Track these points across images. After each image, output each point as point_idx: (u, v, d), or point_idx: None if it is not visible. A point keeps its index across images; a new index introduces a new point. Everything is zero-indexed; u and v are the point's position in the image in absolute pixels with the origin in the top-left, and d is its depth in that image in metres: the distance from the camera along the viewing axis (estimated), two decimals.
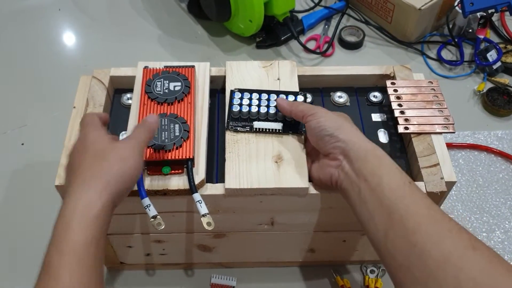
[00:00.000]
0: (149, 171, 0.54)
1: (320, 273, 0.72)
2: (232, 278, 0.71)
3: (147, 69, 0.63)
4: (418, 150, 0.59)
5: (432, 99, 0.63)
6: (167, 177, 0.54)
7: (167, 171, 0.54)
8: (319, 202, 0.58)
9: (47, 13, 1.10)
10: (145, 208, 0.51)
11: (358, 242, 0.67)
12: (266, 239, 0.65)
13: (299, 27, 1.03)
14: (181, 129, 0.56)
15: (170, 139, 0.55)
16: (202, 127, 0.59)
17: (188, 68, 0.63)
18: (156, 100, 0.59)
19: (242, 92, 0.62)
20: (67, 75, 0.97)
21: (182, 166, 0.55)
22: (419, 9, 0.94)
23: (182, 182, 0.54)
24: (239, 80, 0.64)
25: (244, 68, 0.66)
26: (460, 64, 0.98)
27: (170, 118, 0.57)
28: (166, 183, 0.54)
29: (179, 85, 0.60)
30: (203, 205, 0.52)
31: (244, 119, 0.60)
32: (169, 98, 0.59)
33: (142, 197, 0.51)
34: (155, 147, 0.54)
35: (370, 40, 1.04)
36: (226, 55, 1.01)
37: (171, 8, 1.11)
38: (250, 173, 0.56)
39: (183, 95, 0.59)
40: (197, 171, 0.55)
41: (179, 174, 0.55)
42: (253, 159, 0.57)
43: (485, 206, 0.80)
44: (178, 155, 0.54)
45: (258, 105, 0.60)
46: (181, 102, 0.59)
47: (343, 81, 0.68)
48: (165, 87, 0.60)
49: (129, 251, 0.67)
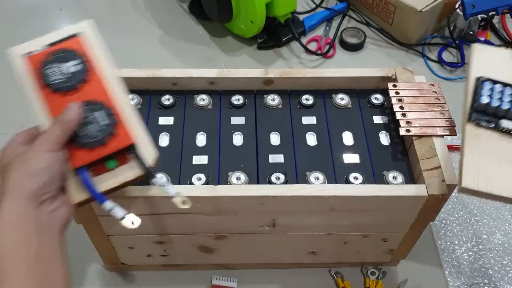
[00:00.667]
0: (93, 172, 0.48)
1: (321, 275, 0.73)
2: (233, 279, 0.71)
3: (31, 56, 0.52)
4: (420, 153, 0.59)
5: (434, 101, 0.63)
6: (116, 171, 0.49)
7: (113, 165, 0.48)
8: (321, 205, 0.58)
9: (48, 12, 1.10)
10: (109, 212, 0.47)
11: (359, 244, 0.67)
12: (268, 240, 0.65)
13: (300, 29, 1.03)
14: (104, 115, 0.49)
15: (98, 131, 0.48)
16: (125, 102, 0.50)
17: (74, 39, 0.52)
18: (59, 91, 0.49)
19: (493, 83, 0.54)
20: None
21: (126, 154, 0.49)
22: (420, 11, 0.94)
23: (135, 171, 0.49)
24: (486, 68, 0.56)
25: (494, 55, 0.57)
26: (461, 66, 0.99)
27: (86, 107, 0.49)
28: (119, 177, 0.49)
29: (73, 63, 0.50)
30: (170, 187, 0.49)
31: (489, 114, 0.53)
32: (72, 84, 0.49)
33: (102, 202, 0.47)
34: (88, 145, 0.48)
35: (371, 42, 1.04)
36: (227, 56, 1.01)
37: (172, 8, 1.11)
38: (491, 176, 0.49)
39: (84, 74, 0.50)
40: (146, 152, 0.49)
41: (127, 163, 0.49)
42: (494, 162, 0.50)
43: (485, 208, 0.80)
44: (116, 146, 0.48)
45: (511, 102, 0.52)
46: (87, 84, 0.50)
47: (345, 83, 0.68)
48: (61, 72, 0.50)
49: (130, 252, 0.67)
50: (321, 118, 0.66)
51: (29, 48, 0.52)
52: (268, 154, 0.62)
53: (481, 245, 0.76)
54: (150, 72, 0.67)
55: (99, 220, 0.59)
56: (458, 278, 0.72)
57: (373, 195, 0.56)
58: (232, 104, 0.67)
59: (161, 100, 0.66)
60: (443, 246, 0.75)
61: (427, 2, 0.95)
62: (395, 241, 0.67)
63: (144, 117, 0.65)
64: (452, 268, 0.73)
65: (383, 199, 0.57)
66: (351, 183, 0.59)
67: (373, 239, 0.66)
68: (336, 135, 0.64)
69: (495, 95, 0.53)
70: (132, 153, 0.49)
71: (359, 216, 0.61)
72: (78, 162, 0.47)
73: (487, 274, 0.73)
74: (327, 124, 0.65)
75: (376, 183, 0.60)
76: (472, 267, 0.73)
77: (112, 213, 0.47)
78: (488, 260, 0.74)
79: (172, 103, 0.66)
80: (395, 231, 0.65)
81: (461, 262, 0.74)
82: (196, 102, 0.67)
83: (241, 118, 0.66)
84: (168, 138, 0.63)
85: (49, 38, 0.53)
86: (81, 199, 0.48)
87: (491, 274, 0.73)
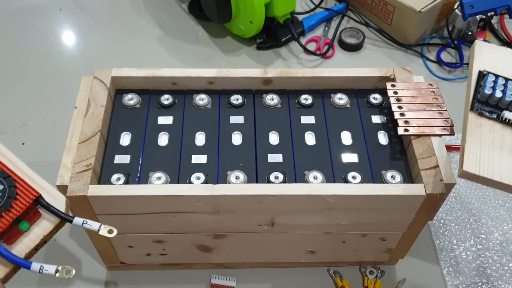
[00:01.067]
0: (8, 240, 0.44)
1: (320, 274, 0.73)
2: (232, 278, 0.71)
3: None
4: (418, 152, 0.59)
5: (432, 101, 0.64)
6: (32, 228, 0.45)
7: (26, 226, 0.45)
8: (319, 204, 0.58)
9: (48, 13, 1.11)
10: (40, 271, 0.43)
11: (357, 243, 0.67)
12: (266, 240, 0.65)
13: (299, 29, 1.04)
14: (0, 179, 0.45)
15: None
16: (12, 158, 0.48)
17: None
18: None
19: (496, 76, 0.56)
20: (68, 75, 0.97)
21: (34, 208, 0.45)
22: (419, 12, 0.95)
23: (51, 220, 0.46)
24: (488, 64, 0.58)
25: (495, 53, 0.60)
26: (459, 67, 0.99)
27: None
28: (37, 234, 0.45)
29: None
30: (91, 222, 0.46)
31: (492, 105, 0.55)
32: None
33: (28, 266, 0.43)
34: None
35: (370, 42, 1.04)
36: (226, 56, 1.01)
37: (172, 8, 1.11)
38: (491, 163, 0.50)
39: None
40: (53, 199, 0.46)
41: (40, 218, 0.46)
42: (496, 150, 0.51)
43: (483, 208, 0.80)
44: (23, 205, 0.44)
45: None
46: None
47: (344, 83, 0.69)
48: None
49: (129, 251, 0.67)
50: (319, 117, 0.66)
51: None
52: (267, 154, 0.62)
53: (479, 245, 0.76)
54: (150, 72, 0.67)
55: (99, 219, 0.59)
56: (456, 278, 0.73)
57: (371, 194, 0.57)
58: (231, 103, 0.67)
59: (160, 100, 0.67)
60: (441, 246, 0.76)
61: (426, 2, 0.95)
62: (394, 240, 0.67)
63: (144, 116, 0.65)
64: (450, 267, 0.74)
65: (381, 198, 0.57)
66: (349, 182, 0.59)
67: (372, 238, 0.66)
68: (334, 135, 0.64)
69: (498, 87, 0.54)
70: (41, 206, 0.45)
71: (358, 215, 0.61)
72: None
73: (486, 273, 0.73)
74: (326, 123, 0.66)
75: (375, 182, 0.60)
76: (471, 266, 0.74)
77: (44, 272, 0.44)
78: (486, 259, 0.74)
79: (171, 103, 0.67)
80: (393, 230, 0.65)
81: (460, 261, 0.74)
82: (195, 101, 0.67)
83: (240, 117, 0.66)
84: (167, 137, 0.64)
85: None
86: (5, 272, 0.44)
87: (490, 273, 0.73)
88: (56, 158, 0.58)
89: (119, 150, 0.62)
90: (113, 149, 0.62)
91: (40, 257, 0.73)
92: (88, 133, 0.60)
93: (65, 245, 0.75)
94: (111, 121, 0.65)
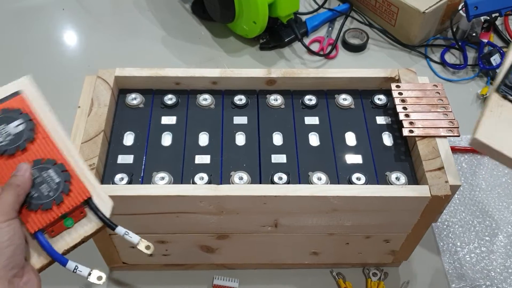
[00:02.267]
0: (51, 234, 0.46)
1: (323, 276, 0.72)
2: (234, 279, 0.71)
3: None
4: (423, 153, 0.59)
5: (437, 102, 0.63)
6: (74, 227, 0.46)
7: (71, 223, 0.46)
8: (323, 205, 0.58)
9: (51, 12, 1.10)
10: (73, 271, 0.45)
11: (361, 245, 0.67)
12: (270, 241, 0.65)
13: (302, 29, 1.03)
14: (57, 172, 0.46)
15: (53, 189, 0.46)
16: (74, 155, 0.48)
17: (15, 98, 0.50)
18: (5, 154, 0.47)
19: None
20: (70, 75, 0.97)
21: (82, 208, 0.47)
22: (423, 13, 0.94)
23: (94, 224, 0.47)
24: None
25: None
26: (463, 68, 0.98)
27: (37, 167, 0.46)
28: (79, 233, 0.46)
29: (19, 122, 0.48)
30: (132, 235, 0.47)
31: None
32: (19, 144, 0.47)
33: (64, 263, 0.45)
34: (43, 207, 0.45)
35: (374, 43, 1.04)
36: (230, 56, 1.01)
37: (175, 8, 1.11)
38: (506, 138, 0.52)
39: (31, 132, 0.48)
40: (101, 203, 0.47)
41: (84, 217, 0.47)
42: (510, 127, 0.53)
43: (488, 210, 0.80)
44: (73, 202, 0.46)
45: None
46: (34, 142, 0.48)
47: (348, 83, 0.68)
48: (5, 134, 0.48)
49: (132, 251, 0.67)
50: (324, 118, 0.66)
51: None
52: (271, 154, 0.62)
53: (483, 247, 0.75)
54: (153, 72, 0.67)
55: None
56: (460, 280, 0.72)
57: (375, 196, 0.56)
58: (234, 104, 0.67)
59: (164, 100, 0.66)
60: (445, 248, 0.75)
61: (430, 3, 0.95)
62: (398, 242, 0.66)
63: (147, 116, 0.65)
64: (454, 269, 0.73)
65: (385, 200, 0.57)
66: (353, 183, 0.59)
67: (375, 240, 0.65)
68: (339, 136, 0.64)
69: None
70: (88, 207, 0.47)
71: (362, 216, 0.60)
72: (34, 226, 0.45)
73: (489, 276, 0.73)
74: (330, 124, 0.65)
75: (379, 183, 0.59)
76: (474, 269, 0.73)
77: (78, 272, 0.45)
78: (490, 262, 0.74)
79: (175, 103, 0.66)
80: (397, 232, 0.64)
81: (464, 263, 0.74)
82: (198, 101, 0.67)
83: (244, 118, 0.66)
84: (170, 137, 0.63)
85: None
86: (42, 264, 0.45)
87: (494, 276, 0.73)
88: None
89: (122, 150, 0.62)
90: (116, 149, 0.62)
91: None
92: (91, 132, 0.60)
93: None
94: (114, 121, 0.65)
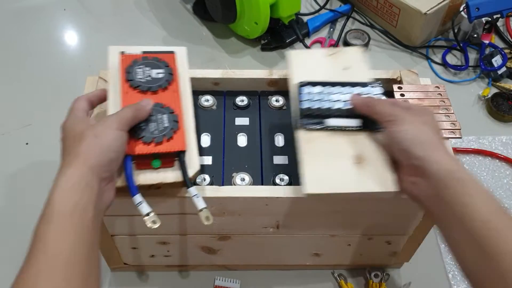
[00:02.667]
0: (138, 165, 0.51)
1: (324, 277, 0.72)
2: (236, 280, 0.71)
3: (125, 55, 0.58)
4: None
5: (439, 104, 0.63)
6: (158, 171, 0.51)
7: (157, 165, 0.51)
8: (325, 206, 0.58)
9: (52, 12, 1.10)
10: (137, 206, 0.49)
11: (363, 246, 0.67)
12: (271, 242, 0.65)
13: (304, 30, 1.03)
14: (170, 120, 0.53)
15: (159, 130, 0.52)
16: (189, 116, 0.56)
17: (167, 54, 0.60)
18: (139, 88, 0.55)
19: (312, 85, 0.56)
20: (72, 75, 0.97)
21: (173, 159, 0.52)
22: (425, 14, 0.94)
23: (176, 175, 0.51)
24: (304, 72, 0.59)
25: (308, 57, 0.61)
26: (465, 69, 0.98)
27: (157, 108, 0.53)
28: (159, 176, 0.51)
29: (162, 72, 0.57)
30: (200, 199, 0.50)
31: (315, 115, 0.55)
32: (153, 86, 0.55)
33: (133, 194, 0.49)
34: (144, 139, 0.51)
35: (375, 44, 1.04)
36: (231, 57, 1.01)
37: (176, 9, 1.11)
38: (331, 177, 0.51)
39: (167, 83, 0.56)
40: (190, 164, 0.52)
41: (170, 168, 0.52)
42: (331, 161, 0.52)
43: None
44: (169, 148, 0.51)
45: (330, 100, 0.55)
46: (165, 91, 0.56)
47: None
48: (146, 74, 0.56)
49: (133, 252, 0.67)
50: None
51: (128, 49, 0.59)
52: (272, 155, 0.62)
53: None
54: None
55: (103, 219, 0.59)
56: (462, 281, 0.72)
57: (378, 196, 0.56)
58: (236, 105, 0.67)
59: None
60: (447, 249, 0.75)
61: (432, 4, 0.95)
62: (399, 244, 0.66)
63: None
64: (455, 271, 0.73)
65: (388, 201, 0.57)
66: None
67: (377, 241, 0.65)
68: None
69: (315, 97, 0.55)
70: (178, 160, 0.51)
71: (363, 218, 0.60)
72: (128, 150, 0.50)
73: None
74: None
75: None
76: None
77: (139, 208, 0.49)
78: None
79: None
80: (399, 234, 0.64)
81: None
82: (200, 102, 0.67)
83: (245, 119, 0.66)
84: None
85: (149, 48, 0.60)
86: (117, 185, 0.50)
87: None
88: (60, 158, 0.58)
89: None
90: None
91: None
92: None
93: None
94: None
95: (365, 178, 0.51)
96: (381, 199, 0.52)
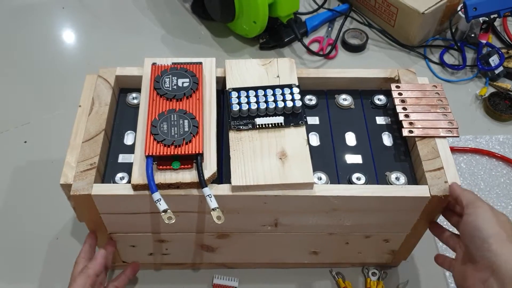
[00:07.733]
0: (159, 165, 0.55)
1: (322, 275, 0.73)
2: (234, 278, 0.71)
3: (155, 66, 0.64)
4: (422, 154, 0.59)
5: (437, 103, 0.63)
6: (177, 171, 0.55)
7: (177, 166, 0.55)
8: (323, 205, 0.58)
9: (51, 11, 1.10)
10: (156, 202, 0.52)
11: (360, 244, 0.67)
12: (270, 240, 0.65)
13: (302, 29, 1.04)
14: (190, 125, 0.57)
15: (179, 134, 0.56)
16: (211, 122, 0.60)
17: (195, 65, 0.64)
18: (165, 96, 0.60)
19: (238, 91, 0.62)
20: (70, 73, 0.97)
21: (192, 161, 0.56)
22: (423, 13, 0.94)
23: (193, 176, 0.55)
24: (239, 79, 0.64)
25: (243, 66, 0.66)
26: (462, 69, 0.99)
27: (179, 114, 0.58)
28: (178, 177, 0.55)
29: (187, 81, 0.61)
30: (213, 199, 0.53)
31: (244, 117, 0.60)
32: (178, 94, 0.60)
33: (152, 192, 0.53)
34: (166, 142, 0.55)
35: (373, 43, 1.04)
36: (229, 56, 1.01)
37: (175, 8, 1.11)
38: (255, 170, 0.56)
39: (191, 91, 0.61)
40: (207, 166, 0.56)
41: (189, 169, 0.55)
42: (257, 156, 0.57)
43: None
44: (187, 150, 0.55)
45: (257, 102, 0.60)
46: (189, 98, 0.60)
47: (348, 83, 0.68)
48: (173, 84, 0.61)
49: (132, 250, 0.67)
50: (324, 118, 0.66)
51: (159, 61, 0.65)
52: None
53: None
54: None
55: (102, 218, 0.59)
56: None
57: (375, 196, 0.56)
58: None
59: None
60: (444, 247, 0.75)
61: (429, 4, 0.95)
62: (397, 242, 0.67)
63: None
64: None
65: (385, 200, 0.57)
66: (353, 183, 0.59)
67: (375, 239, 0.66)
68: (339, 136, 0.64)
69: (243, 100, 0.61)
70: (196, 163, 0.55)
71: (362, 216, 0.61)
72: (150, 151, 0.55)
73: None
74: (330, 124, 0.65)
75: (379, 183, 0.60)
76: None
77: (157, 204, 0.52)
78: None
79: None
80: (397, 232, 0.65)
81: None
82: None
83: None
84: None
85: (179, 59, 0.65)
86: (138, 183, 0.54)
87: None
88: (58, 157, 0.58)
89: (123, 149, 0.62)
90: (117, 148, 0.62)
91: (42, 255, 0.73)
92: (92, 131, 0.60)
93: (67, 244, 0.74)
94: (115, 120, 0.65)
95: (287, 170, 0.56)
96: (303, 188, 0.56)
